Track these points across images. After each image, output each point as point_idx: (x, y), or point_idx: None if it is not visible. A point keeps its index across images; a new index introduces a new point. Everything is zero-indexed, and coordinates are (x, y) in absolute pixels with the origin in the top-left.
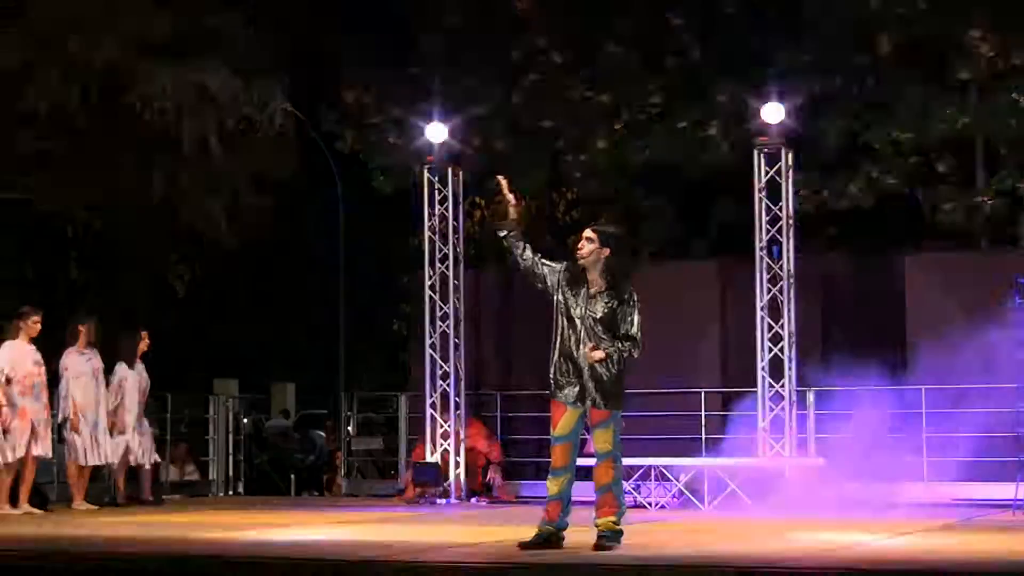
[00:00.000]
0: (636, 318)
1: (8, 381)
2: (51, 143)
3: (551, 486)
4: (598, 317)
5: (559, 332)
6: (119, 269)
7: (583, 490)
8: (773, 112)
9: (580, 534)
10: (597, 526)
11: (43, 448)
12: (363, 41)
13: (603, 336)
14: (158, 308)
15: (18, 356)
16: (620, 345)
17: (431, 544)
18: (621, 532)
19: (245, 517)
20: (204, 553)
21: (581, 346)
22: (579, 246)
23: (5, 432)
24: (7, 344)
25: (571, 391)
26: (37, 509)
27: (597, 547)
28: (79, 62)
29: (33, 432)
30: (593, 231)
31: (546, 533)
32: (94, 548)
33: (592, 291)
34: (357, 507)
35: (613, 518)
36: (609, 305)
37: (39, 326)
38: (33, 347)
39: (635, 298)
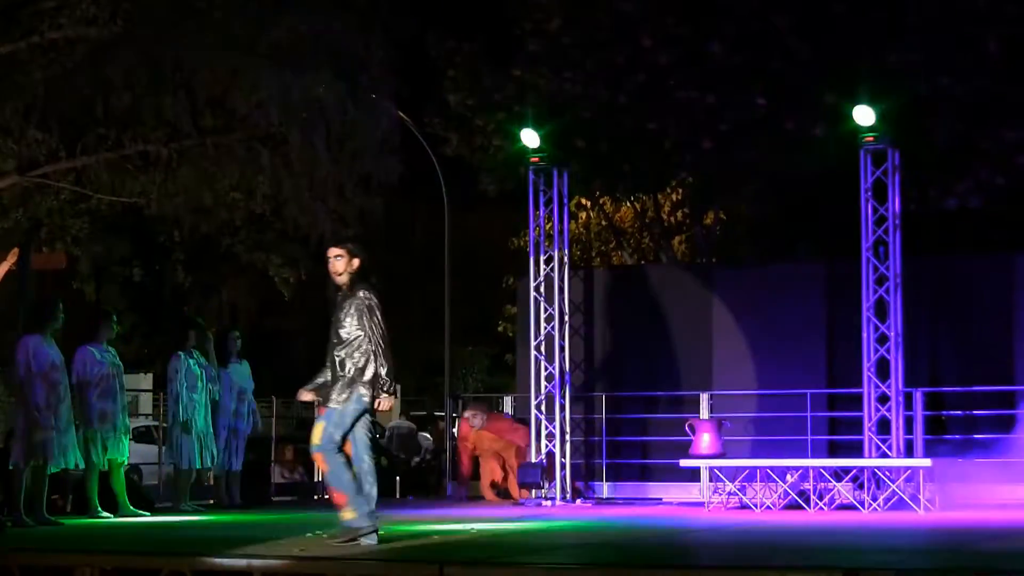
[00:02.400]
0: (356, 320)
1: (86, 385)
2: (158, 147)
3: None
4: (342, 322)
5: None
6: (224, 272)
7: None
8: (877, 113)
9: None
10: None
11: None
12: (468, 45)
13: (344, 339)
14: (264, 311)
15: (93, 358)
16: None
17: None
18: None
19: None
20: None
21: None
22: (331, 267)
23: (90, 437)
24: (82, 348)
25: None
26: (145, 512)
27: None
28: (184, 68)
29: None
30: (340, 247)
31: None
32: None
33: (340, 300)
34: (462, 508)
35: (349, 507)
36: (350, 311)
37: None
38: (111, 350)
39: (370, 300)
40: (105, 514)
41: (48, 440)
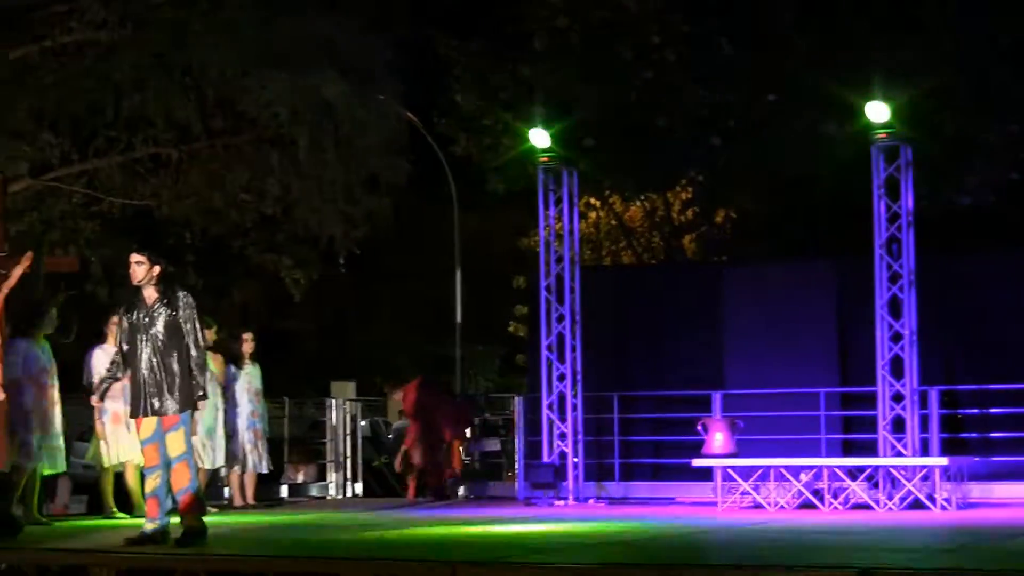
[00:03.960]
0: (196, 323)
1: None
2: (168, 150)
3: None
4: (161, 330)
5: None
6: (235, 274)
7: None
8: (890, 109)
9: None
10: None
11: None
12: (475, 45)
13: (169, 345)
14: (275, 312)
15: (105, 360)
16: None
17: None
18: (204, 529)
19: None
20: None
21: (150, 359)
22: (131, 272)
23: (105, 439)
24: (94, 349)
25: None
26: None
27: (180, 543)
28: (194, 70)
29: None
30: (140, 254)
31: (150, 531)
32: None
33: (151, 307)
34: (475, 508)
35: (196, 515)
36: (170, 316)
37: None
38: None
39: (190, 301)
40: (120, 514)
41: (30, 442)
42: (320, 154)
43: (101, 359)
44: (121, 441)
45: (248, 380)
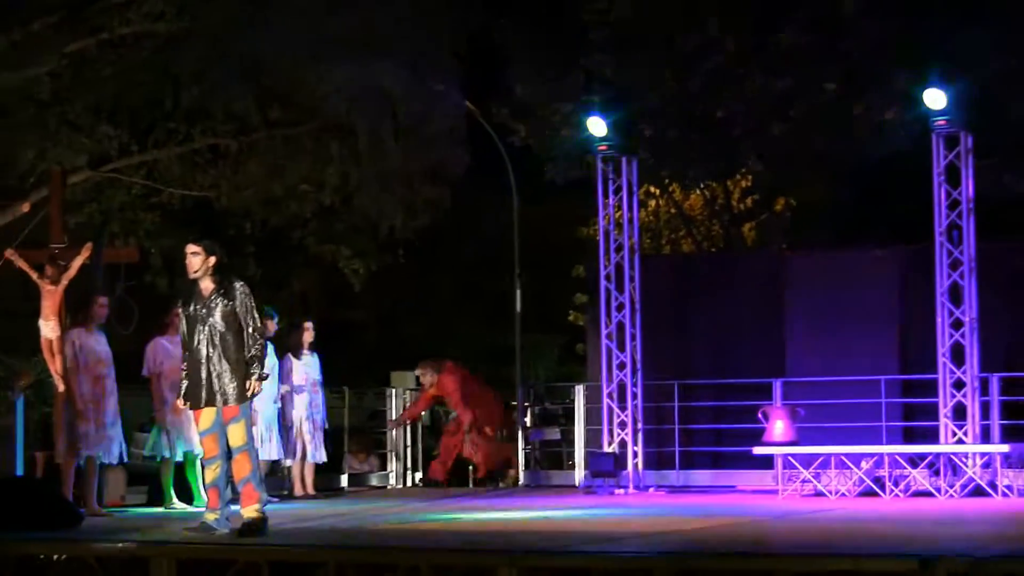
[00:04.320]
0: (253, 313)
1: (158, 377)
2: (227, 140)
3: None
4: (218, 320)
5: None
6: (294, 264)
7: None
8: (948, 96)
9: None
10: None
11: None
12: (534, 34)
13: (227, 336)
14: (334, 302)
15: (163, 352)
16: (254, 351)
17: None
18: (265, 520)
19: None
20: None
21: (208, 350)
22: (187, 263)
23: (165, 430)
24: (155, 340)
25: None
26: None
27: (241, 534)
28: (252, 61)
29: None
30: (197, 245)
31: (211, 521)
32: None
33: (208, 298)
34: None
35: (256, 506)
36: (227, 306)
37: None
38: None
39: (247, 291)
40: (180, 505)
41: (86, 433)
42: (379, 143)
43: (161, 350)
44: (182, 432)
45: (306, 370)
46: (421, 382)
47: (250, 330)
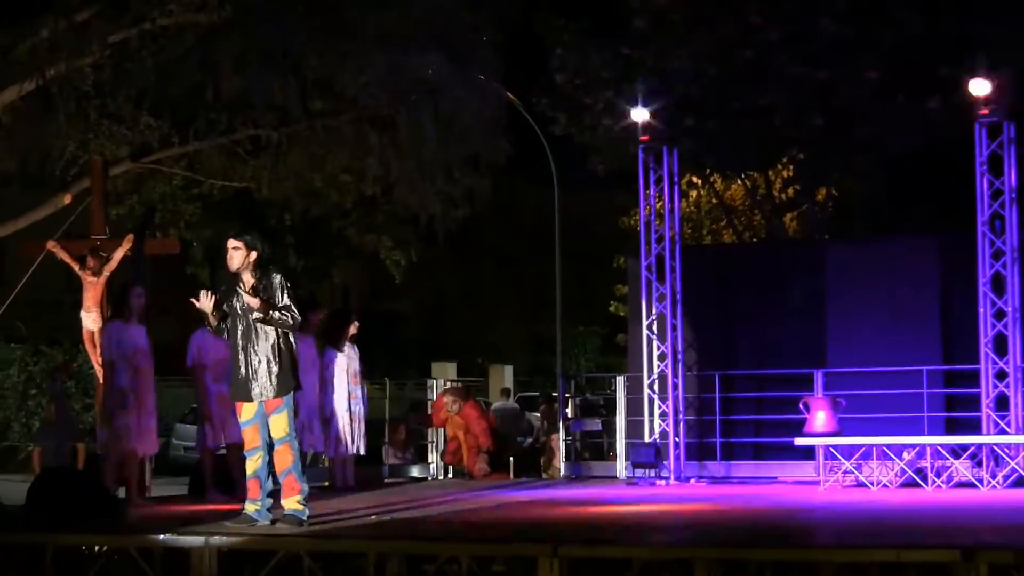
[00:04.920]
0: (293, 306)
1: (201, 369)
2: (268, 131)
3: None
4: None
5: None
6: (335, 255)
7: None
8: (989, 85)
9: None
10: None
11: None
12: (576, 24)
13: (268, 329)
14: (376, 293)
15: (208, 342)
16: (279, 315)
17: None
18: (305, 512)
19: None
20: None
21: (249, 343)
22: (228, 258)
23: (208, 419)
24: (198, 332)
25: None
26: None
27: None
28: (294, 51)
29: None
30: (238, 240)
31: (252, 512)
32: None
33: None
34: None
35: (297, 497)
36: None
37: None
38: None
39: (285, 283)
40: (222, 496)
41: (126, 424)
42: (420, 134)
43: (204, 342)
44: (225, 423)
45: (347, 362)
46: (449, 409)
47: (289, 323)
